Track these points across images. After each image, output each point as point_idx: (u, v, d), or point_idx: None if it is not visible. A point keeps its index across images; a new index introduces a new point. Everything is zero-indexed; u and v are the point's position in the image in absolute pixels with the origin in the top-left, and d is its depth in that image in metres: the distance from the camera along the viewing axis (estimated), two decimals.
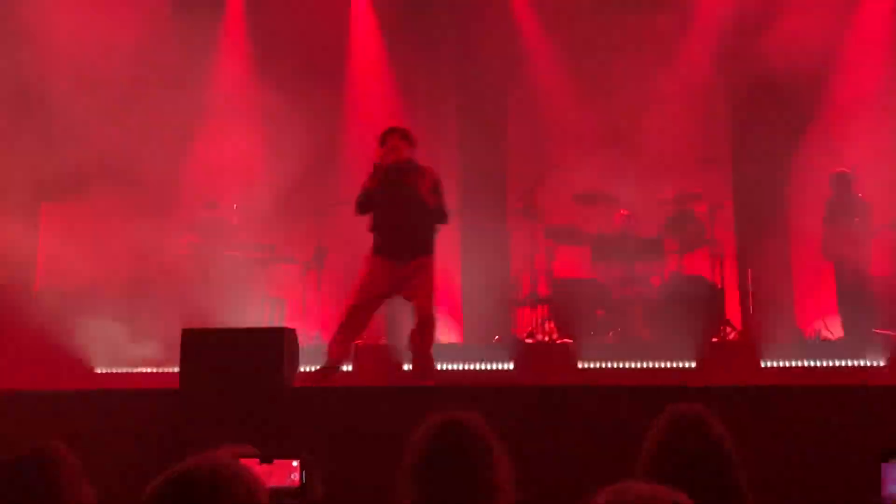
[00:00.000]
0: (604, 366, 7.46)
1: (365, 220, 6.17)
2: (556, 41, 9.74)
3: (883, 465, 1.85)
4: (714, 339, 7.74)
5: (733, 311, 8.52)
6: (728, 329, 8.01)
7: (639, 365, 7.18)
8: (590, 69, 9.35)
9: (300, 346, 8.01)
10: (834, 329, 8.14)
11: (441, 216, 6.03)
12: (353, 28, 10.12)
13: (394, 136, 6.06)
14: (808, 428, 4.20)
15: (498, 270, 9.18)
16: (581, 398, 4.71)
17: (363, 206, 6.03)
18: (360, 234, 8.94)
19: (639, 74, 9.17)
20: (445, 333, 9.31)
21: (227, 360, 5.03)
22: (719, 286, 8.09)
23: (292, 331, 5.30)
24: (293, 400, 4.87)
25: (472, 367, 7.76)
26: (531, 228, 8.72)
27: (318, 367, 6.01)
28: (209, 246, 8.59)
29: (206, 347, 5.14)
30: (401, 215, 5.95)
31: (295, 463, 2.32)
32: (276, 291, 8.86)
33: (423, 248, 5.97)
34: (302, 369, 6.06)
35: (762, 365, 7.31)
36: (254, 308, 8.40)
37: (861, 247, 8.02)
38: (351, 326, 6.01)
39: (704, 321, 7.77)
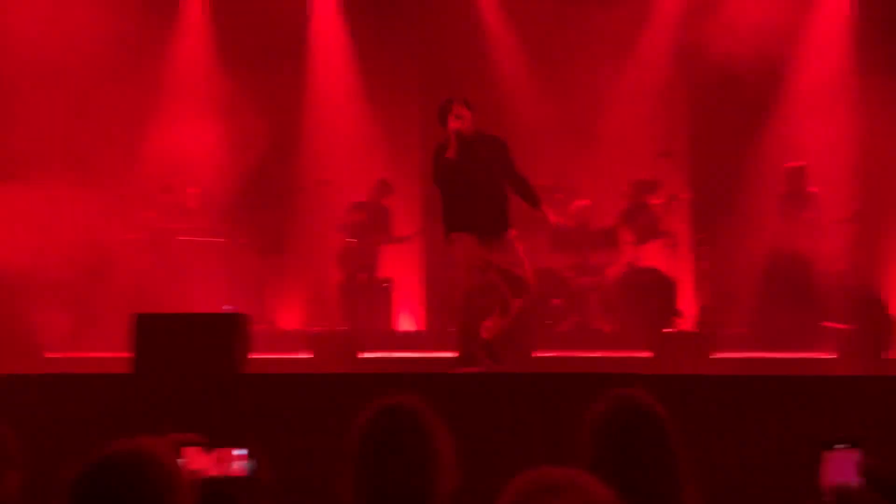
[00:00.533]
0: (559, 355, 7.46)
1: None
2: (517, 33, 9.72)
3: (825, 453, 1.86)
4: (667, 330, 7.79)
5: (687, 302, 8.60)
6: (681, 320, 8.08)
7: (594, 354, 7.17)
8: (550, 61, 9.36)
9: (257, 331, 8.03)
10: (783, 321, 8.23)
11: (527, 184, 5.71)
12: (314, 16, 10.00)
13: (458, 104, 5.60)
14: (756, 417, 4.23)
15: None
16: (534, 385, 4.72)
17: (445, 179, 5.57)
18: (320, 220, 8.94)
19: (598, 67, 9.19)
20: (408, 321, 9.32)
21: (180, 345, 4.95)
22: (674, 277, 8.15)
23: (245, 316, 5.23)
24: (245, 387, 4.80)
25: (434, 354, 7.71)
26: None
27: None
28: (165, 230, 8.47)
29: (158, 332, 5.06)
30: (485, 188, 5.54)
31: (241, 451, 2.26)
32: (233, 276, 8.74)
33: (507, 220, 5.62)
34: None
35: (714, 356, 7.36)
36: (210, 293, 8.29)
37: (813, 242, 8.13)
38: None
39: (658, 311, 7.85)
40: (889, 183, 8.27)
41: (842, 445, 1.84)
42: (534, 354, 7.39)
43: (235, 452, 2.25)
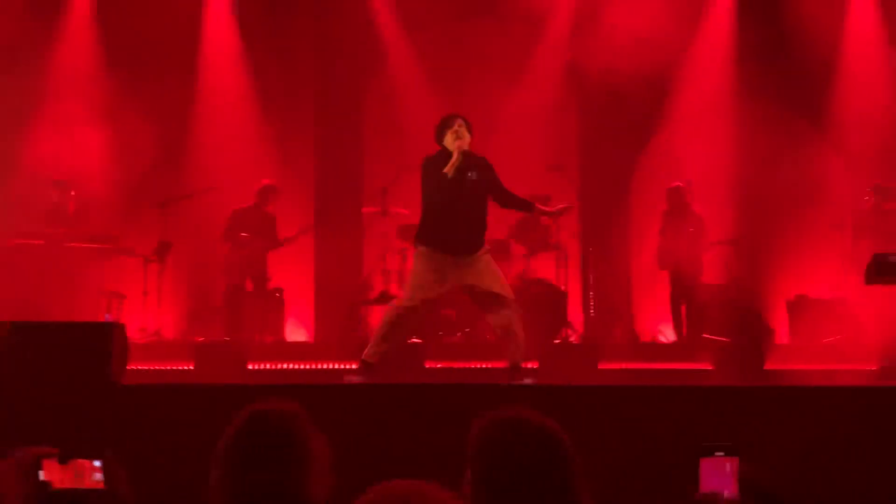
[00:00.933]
0: (451, 366, 7.41)
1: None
2: (413, 44, 9.70)
3: (702, 460, 1.86)
4: (556, 341, 7.86)
5: (575, 313, 8.70)
6: (569, 331, 8.17)
7: (484, 365, 7.17)
8: (446, 72, 9.37)
9: (140, 342, 7.72)
10: (667, 334, 8.44)
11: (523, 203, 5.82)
12: (207, 19, 9.74)
13: (460, 123, 5.62)
14: (638, 426, 4.28)
15: (351, 269, 9.05)
16: (424, 396, 4.67)
17: (435, 194, 5.57)
18: (205, 229, 8.66)
19: (491, 83, 9.24)
20: (296, 332, 9.12)
21: (51, 355, 4.68)
22: (563, 289, 8.24)
23: (122, 326, 4.98)
24: (121, 398, 4.57)
25: (322, 366, 7.53)
26: (384, 228, 8.65)
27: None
28: (45, 234, 8.06)
29: (28, 342, 4.76)
30: (468, 208, 5.58)
31: (97, 463, 2.12)
32: (114, 285, 8.38)
33: (483, 240, 5.69)
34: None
35: (600, 366, 7.47)
36: (89, 302, 7.93)
37: (693, 258, 8.37)
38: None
39: (548, 323, 7.90)
40: (766, 202, 8.56)
41: (720, 453, 1.84)
42: (426, 365, 7.35)
43: (93, 464, 2.11)
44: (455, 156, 5.52)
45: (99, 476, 2.09)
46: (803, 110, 8.71)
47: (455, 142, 5.56)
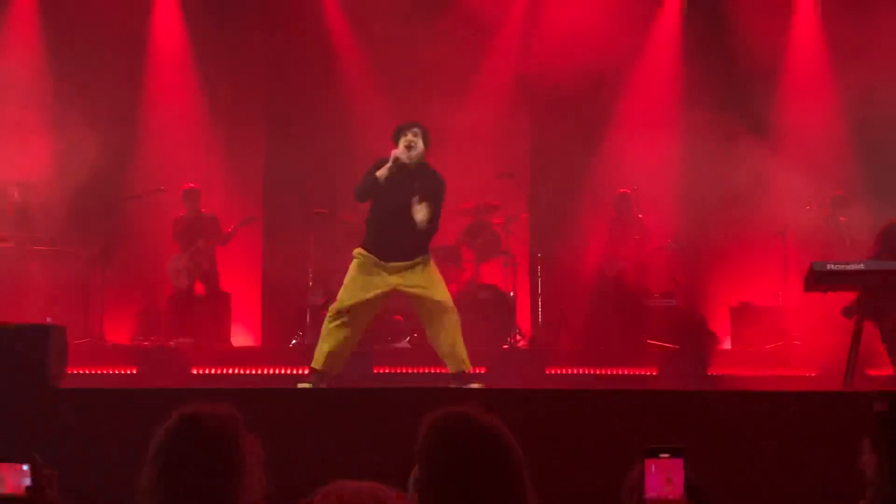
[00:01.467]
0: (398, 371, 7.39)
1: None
2: (365, 49, 9.65)
3: (647, 461, 1.87)
4: (504, 346, 7.88)
5: (524, 319, 8.71)
6: (518, 336, 8.18)
7: (431, 370, 7.12)
8: (397, 78, 9.32)
9: (83, 346, 7.53)
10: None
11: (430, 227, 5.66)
12: (155, 20, 9.58)
13: (414, 129, 5.61)
14: (584, 428, 4.28)
15: (298, 274, 8.93)
16: (371, 399, 4.63)
17: (365, 196, 5.62)
18: (149, 231, 8.51)
19: (444, 87, 9.23)
20: (243, 337, 8.99)
21: None
22: (511, 295, 8.25)
23: (61, 328, 4.83)
24: (58, 401, 4.44)
25: (269, 371, 7.48)
26: (332, 233, 8.57)
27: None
28: None
29: None
30: (407, 216, 5.51)
31: (25, 467, 2.04)
32: (56, 288, 8.16)
33: (424, 248, 5.65)
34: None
35: (548, 371, 7.48)
36: (29, 304, 7.72)
37: (638, 265, 8.43)
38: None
39: (496, 328, 7.91)
40: (709, 209, 8.66)
41: (665, 454, 1.84)
42: (375, 370, 7.30)
43: (21, 468, 2.03)
44: (390, 161, 5.52)
45: (25, 480, 2.02)
46: (747, 118, 8.83)
47: (402, 149, 5.55)
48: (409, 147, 5.56)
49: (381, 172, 5.54)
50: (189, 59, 9.47)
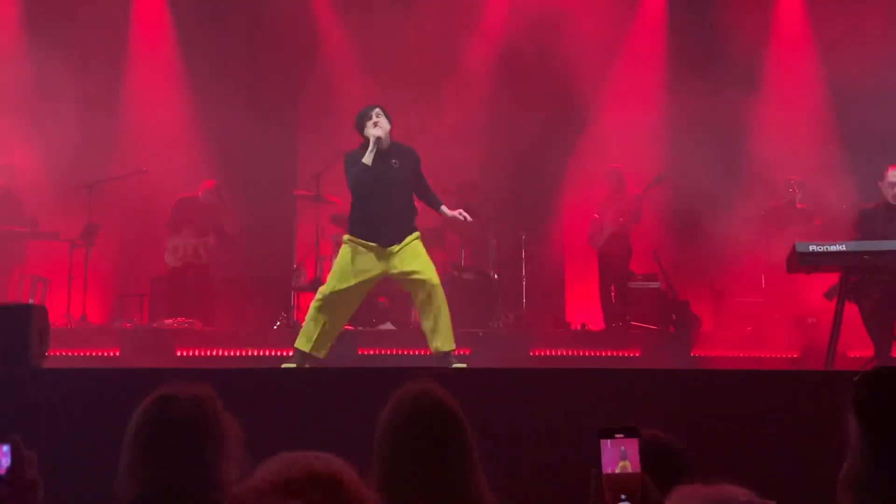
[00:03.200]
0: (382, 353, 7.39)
1: None
2: (349, 30, 9.58)
3: (602, 441, 1.88)
4: (489, 328, 7.89)
5: (508, 301, 8.68)
6: (502, 318, 8.19)
7: (415, 352, 7.12)
8: (381, 59, 9.25)
9: (65, 327, 7.47)
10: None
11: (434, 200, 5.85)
12: (138, 1, 9.46)
13: (377, 112, 5.64)
14: (566, 407, 4.27)
15: (283, 256, 8.90)
16: (351, 380, 4.60)
17: (359, 184, 5.61)
18: (132, 212, 8.43)
19: (428, 67, 9.18)
20: (227, 318, 8.92)
21: None
22: (496, 277, 8.24)
23: (42, 308, 4.77)
24: (39, 382, 4.38)
25: (252, 353, 7.43)
26: (317, 214, 8.53)
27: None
28: None
29: None
30: (394, 197, 5.61)
31: (5, 448, 2.00)
32: (38, 269, 8.08)
33: (412, 228, 5.69)
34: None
35: (532, 353, 7.48)
36: (12, 286, 7.64)
37: (623, 240, 8.40)
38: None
39: (480, 311, 7.90)
40: (694, 194, 8.63)
41: (619, 435, 1.86)
42: (360, 352, 7.29)
43: (1, 449, 1.99)
44: (371, 143, 5.56)
45: (7, 461, 1.98)
46: (731, 98, 8.83)
47: (373, 130, 5.59)
48: (377, 126, 5.60)
49: (368, 158, 5.56)
50: (171, 41, 9.39)
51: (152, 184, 8.34)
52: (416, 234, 5.70)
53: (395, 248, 5.57)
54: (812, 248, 5.72)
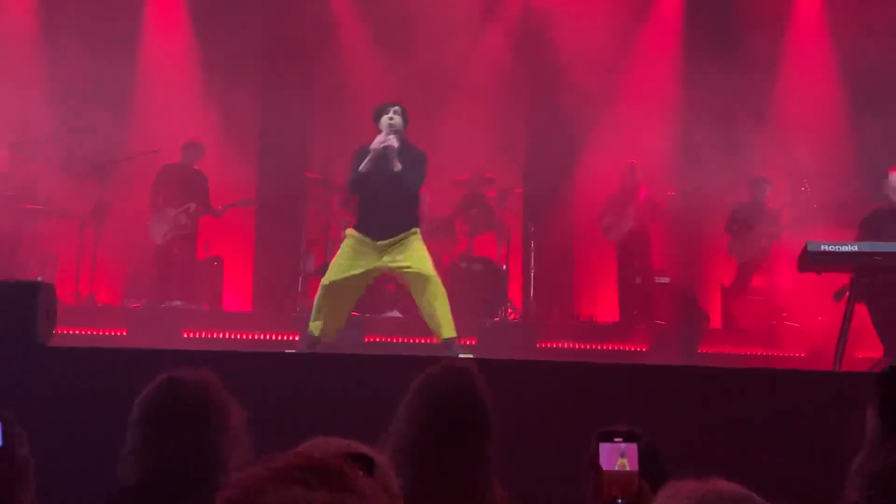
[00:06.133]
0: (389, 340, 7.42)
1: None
2: (364, 14, 9.54)
3: (601, 445, 1.88)
4: (495, 319, 7.88)
5: (516, 293, 8.69)
6: (509, 309, 8.18)
7: (421, 341, 7.11)
8: (395, 47, 9.21)
9: (73, 306, 7.49)
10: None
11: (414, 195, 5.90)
12: None
13: (394, 108, 5.82)
14: (553, 401, 4.30)
15: (292, 240, 8.88)
16: (356, 367, 4.61)
17: (356, 186, 5.83)
18: (142, 192, 8.44)
19: (443, 57, 9.11)
20: (235, 301, 8.94)
21: None
22: (504, 268, 8.23)
23: (50, 286, 4.78)
24: (46, 359, 4.40)
25: (260, 336, 7.46)
26: (327, 200, 8.52)
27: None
28: None
29: None
30: (396, 193, 5.74)
31: None
32: (48, 247, 8.10)
33: (408, 223, 5.78)
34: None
35: (539, 345, 7.47)
36: (23, 262, 7.66)
37: (642, 233, 8.36)
38: None
39: (488, 301, 7.91)
40: (704, 189, 8.55)
41: (618, 439, 1.87)
42: (366, 339, 7.31)
43: None
44: (384, 134, 5.72)
45: None
46: (745, 96, 8.77)
47: (386, 133, 5.76)
48: (392, 125, 5.76)
49: (365, 166, 5.74)
50: (185, 21, 9.35)
51: (164, 163, 8.33)
52: (414, 229, 5.79)
53: (391, 241, 5.69)
54: (824, 247, 5.68)
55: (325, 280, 5.78)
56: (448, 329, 5.65)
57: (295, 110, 9.05)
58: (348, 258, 5.73)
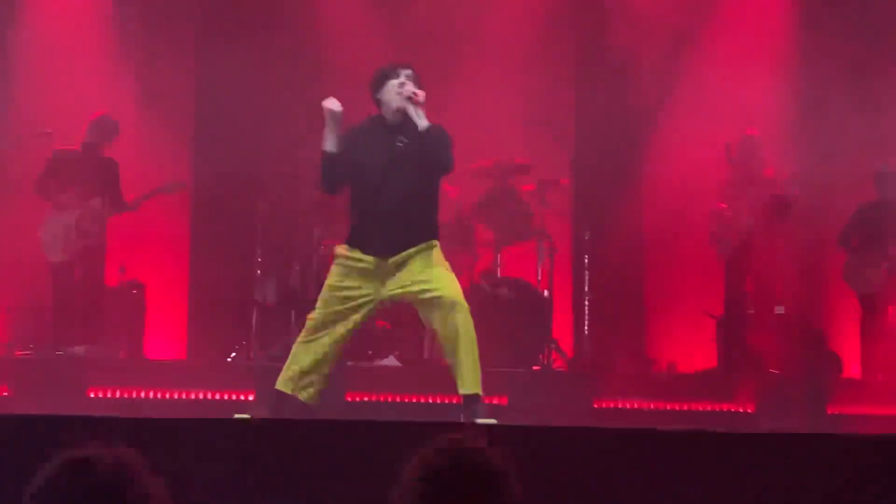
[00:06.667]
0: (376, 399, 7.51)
1: None
2: None
3: None
4: (535, 367, 7.91)
5: (563, 329, 8.72)
6: (555, 353, 8.18)
7: (427, 399, 7.25)
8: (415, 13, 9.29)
9: None
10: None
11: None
12: None
13: (406, 71, 5.78)
14: (645, 486, 4.28)
15: (243, 257, 8.90)
16: (333, 438, 4.61)
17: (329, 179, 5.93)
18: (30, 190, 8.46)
19: (468, 21, 9.28)
20: (161, 346, 9.02)
21: None
22: (546, 294, 8.19)
23: None
24: None
25: (198, 395, 7.60)
26: (294, 201, 8.69)
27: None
28: None
29: None
30: (395, 189, 5.75)
31: None
32: None
33: (424, 233, 5.82)
34: None
35: (596, 404, 7.53)
36: None
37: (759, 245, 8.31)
38: None
39: (524, 341, 7.93)
40: (832, 175, 8.50)
41: None
42: (347, 397, 7.39)
43: None
44: (410, 107, 5.68)
45: None
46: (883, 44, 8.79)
47: (402, 95, 5.72)
48: (410, 97, 5.69)
49: (406, 106, 5.72)
50: None
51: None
52: (433, 242, 5.81)
53: (399, 258, 5.70)
54: None
55: (315, 318, 5.78)
56: (470, 382, 5.64)
57: (245, 76, 9.06)
58: (340, 288, 5.76)
